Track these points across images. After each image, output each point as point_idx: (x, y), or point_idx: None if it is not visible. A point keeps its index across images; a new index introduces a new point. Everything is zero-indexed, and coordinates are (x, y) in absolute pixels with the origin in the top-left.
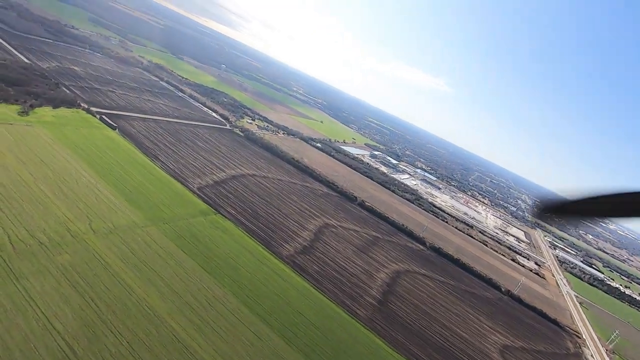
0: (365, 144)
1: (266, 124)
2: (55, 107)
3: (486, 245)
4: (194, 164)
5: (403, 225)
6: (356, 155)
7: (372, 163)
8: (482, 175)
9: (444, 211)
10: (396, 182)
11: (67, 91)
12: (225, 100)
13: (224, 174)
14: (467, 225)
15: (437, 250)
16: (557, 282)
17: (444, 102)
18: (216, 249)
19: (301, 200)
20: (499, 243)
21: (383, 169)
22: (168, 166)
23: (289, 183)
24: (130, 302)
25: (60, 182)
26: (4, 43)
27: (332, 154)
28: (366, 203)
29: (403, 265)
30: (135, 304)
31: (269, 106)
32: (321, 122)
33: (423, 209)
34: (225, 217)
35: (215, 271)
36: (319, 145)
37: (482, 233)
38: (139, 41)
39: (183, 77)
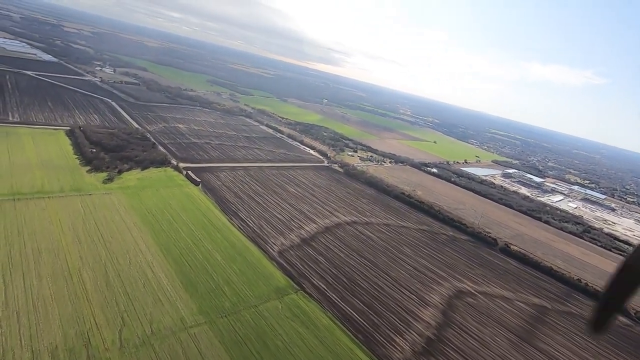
0: (492, 162)
1: (370, 154)
2: (144, 168)
3: None
4: (279, 216)
5: (578, 279)
6: (484, 178)
7: (507, 185)
8: None
9: (634, 246)
10: (547, 207)
11: (163, 149)
12: (325, 134)
13: (315, 225)
14: None
15: None
16: None
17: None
18: (290, 359)
19: (417, 253)
20: None
21: (524, 191)
22: (247, 224)
23: (399, 228)
24: None
25: (110, 265)
26: (123, 113)
27: (452, 179)
28: (512, 246)
29: None
30: None
31: (374, 134)
32: (434, 142)
33: (600, 246)
34: (310, 295)
35: None
36: (434, 170)
37: None
38: (247, 92)
39: (283, 118)
